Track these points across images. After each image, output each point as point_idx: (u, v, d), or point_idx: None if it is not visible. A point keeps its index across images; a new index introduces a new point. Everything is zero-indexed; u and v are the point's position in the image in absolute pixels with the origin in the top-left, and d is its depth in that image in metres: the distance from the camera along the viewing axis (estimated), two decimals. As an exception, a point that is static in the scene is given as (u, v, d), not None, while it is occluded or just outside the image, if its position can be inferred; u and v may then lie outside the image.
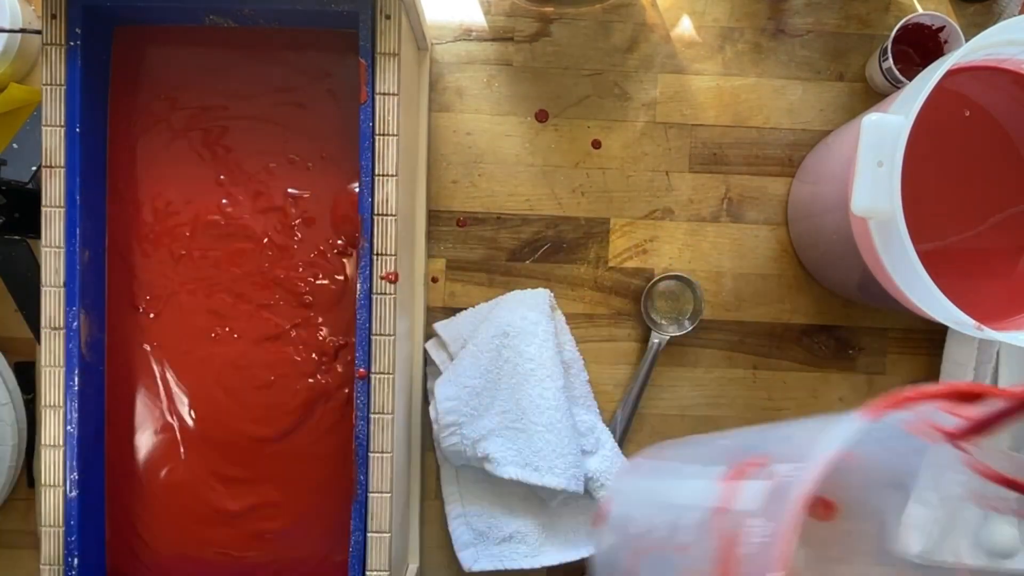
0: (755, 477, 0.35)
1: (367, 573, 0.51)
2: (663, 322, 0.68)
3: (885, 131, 0.47)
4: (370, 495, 0.51)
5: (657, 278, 0.67)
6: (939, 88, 0.46)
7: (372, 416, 0.51)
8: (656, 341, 0.67)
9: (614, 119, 0.68)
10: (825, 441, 0.31)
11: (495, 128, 0.68)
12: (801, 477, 0.31)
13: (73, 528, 0.51)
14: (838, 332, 0.69)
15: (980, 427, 0.38)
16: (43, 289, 0.51)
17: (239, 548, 0.56)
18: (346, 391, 0.56)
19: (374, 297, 0.51)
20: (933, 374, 0.67)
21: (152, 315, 0.56)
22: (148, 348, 0.56)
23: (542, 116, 0.68)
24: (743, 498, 0.35)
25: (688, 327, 0.67)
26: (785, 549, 0.30)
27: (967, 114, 0.58)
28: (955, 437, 0.40)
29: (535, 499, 0.64)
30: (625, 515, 0.44)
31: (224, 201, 0.56)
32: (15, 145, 0.58)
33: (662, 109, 0.68)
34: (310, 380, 0.56)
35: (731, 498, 0.35)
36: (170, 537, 0.56)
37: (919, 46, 0.66)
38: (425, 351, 0.66)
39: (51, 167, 0.51)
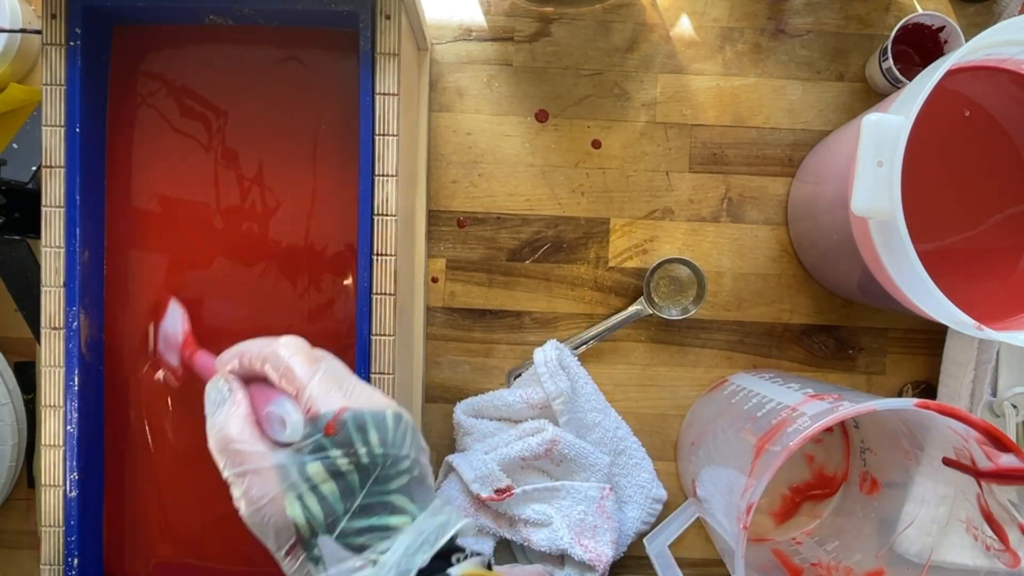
0: (825, 401, 0.51)
1: (367, 573, 0.51)
2: (664, 304, 0.68)
3: (885, 131, 0.47)
4: (370, 495, 0.51)
5: (661, 260, 0.67)
6: (939, 88, 0.46)
7: (372, 416, 0.51)
8: (638, 308, 0.67)
9: (614, 119, 0.68)
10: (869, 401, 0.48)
11: (495, 128, 0.68)
12: (840, 413, 0.47)
13: (73, 528, 0.51)
14: (838, 332, 0.69)
15: (1005, 478, 0.48)
16: (43, 289, 0.51)
17: (239, 549, 0.56)
18: (346, 391, 0.56)
19: (374, 297, 0.51)
20: (933, 374, 0.67)
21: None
22: (148, 348, 0.56)
23: (542, 116, 0.68)
24: (810, 407, 0.50)
25: (692, 310, 0.67)
26: (805, 438, 0.46)
27: (967, 114, 0.58)
28: (980, 475, 0.50)
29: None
30: (744, 389, 0.62)
31: (224, 201, 0.56)
32: (15, 145, 0.58)
33: (662, 109, 0.68)
34: (310, 380, 0.56)
35: (804, 404, 0.51)
36: (170, 538, 0.56)
37: (919, 46, 0.66)
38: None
39: (51, 167, 0.51)
